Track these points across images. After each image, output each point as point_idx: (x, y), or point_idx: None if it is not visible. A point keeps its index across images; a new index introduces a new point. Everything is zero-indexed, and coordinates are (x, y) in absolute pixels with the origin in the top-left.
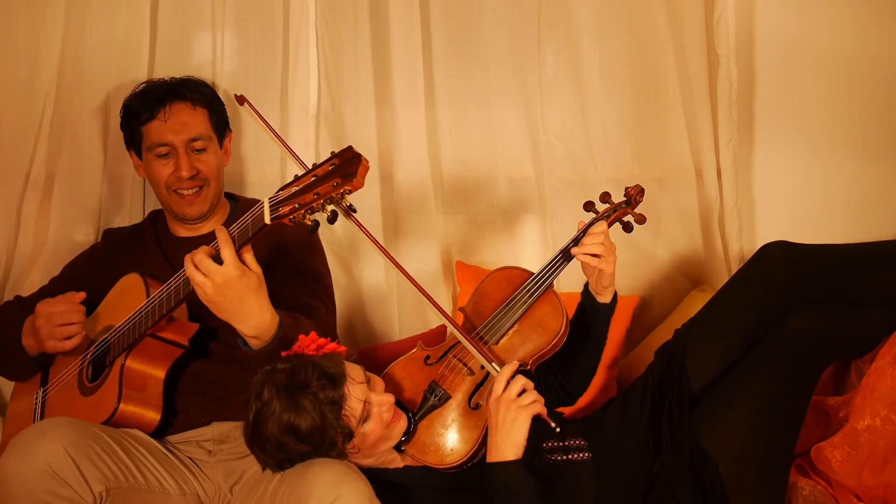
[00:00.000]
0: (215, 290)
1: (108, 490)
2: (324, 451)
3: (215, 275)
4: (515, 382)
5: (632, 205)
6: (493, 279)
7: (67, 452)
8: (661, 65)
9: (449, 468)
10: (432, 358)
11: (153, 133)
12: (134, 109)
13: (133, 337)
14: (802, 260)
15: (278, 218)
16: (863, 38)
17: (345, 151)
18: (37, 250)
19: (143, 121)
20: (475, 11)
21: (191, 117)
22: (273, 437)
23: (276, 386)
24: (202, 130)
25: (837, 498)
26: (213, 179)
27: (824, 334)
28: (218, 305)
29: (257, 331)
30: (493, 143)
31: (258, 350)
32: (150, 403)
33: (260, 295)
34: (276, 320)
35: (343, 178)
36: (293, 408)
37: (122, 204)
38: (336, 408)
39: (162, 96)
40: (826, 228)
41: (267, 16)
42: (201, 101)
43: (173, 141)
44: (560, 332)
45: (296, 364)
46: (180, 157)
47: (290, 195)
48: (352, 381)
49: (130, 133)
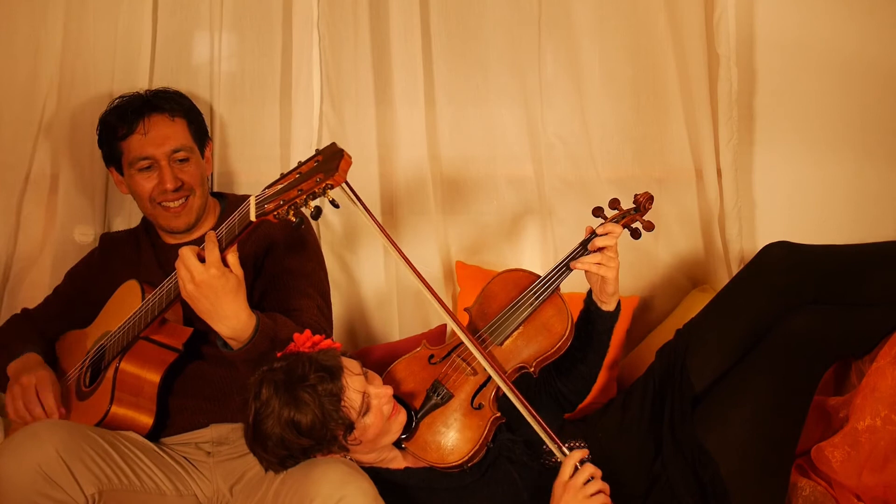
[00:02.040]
0: (194, 287)
1: (100, 492)
2: (325, 445)
3: (196, 273)
4: (583, 471)
5: (640, 212)
6: (499, 281)
7: (59, 454)
8: (661, 65)
9: (450, 467)
10: (436, 357)
11: (134, 147)
12: (111, 125)
13: (127, 340)
14: (803, 260)
15: (263, 215)
16: (863, 38)
17: (328, 148)
18: (37, 250)
19: (121, 136)
20: (475, 11)
21: (170, 129)
22: (274, 435)
23: (274, 383)
24: (183, 141)
25: (838, 498)
26: (199, 188)
27: (825, 335)
28: (196, 303)
29: (233, 332)
30: (493, 143)
31: (237, 351)
32: (143, 407)
33: (237, 297)
34: (252, 322)
35: (325, 174)
36: (293, 402)
37: (122, 204)
38: (335, 399)
39: (139, 109)
40: (826, 229)
41: (265, 16)
42: (179, 111)
43: (155, 154)
44: (565, 335)
45: (292, 361)
46: (163, 170)
47: (275, 192)
48: (349, 372)
49: (109, 150)
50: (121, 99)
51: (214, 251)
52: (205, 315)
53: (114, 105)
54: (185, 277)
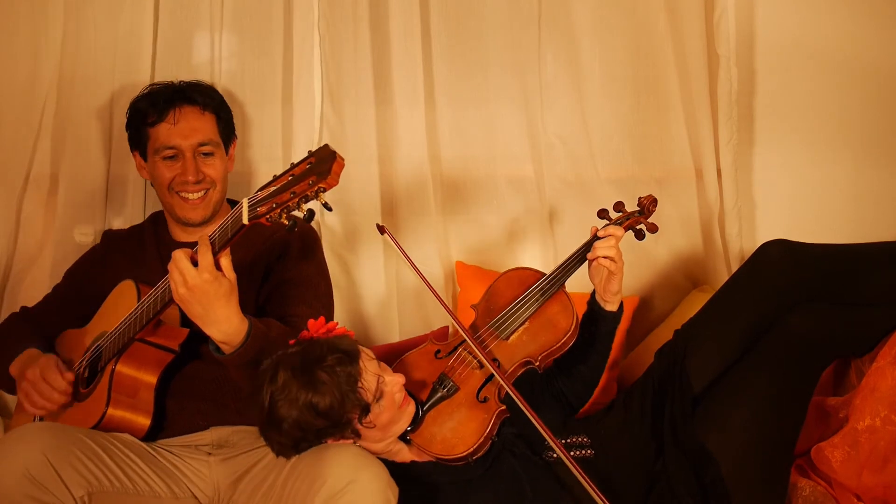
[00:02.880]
0: (187, 291)
1: (90, 494)
2: (340, 427)
3: (189, 277)
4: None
5: (644, 214)
6: (505, 278)
7: (45, 456)
8: (661, 65)
9: (455, 459)
10: (443, 352)
11: (161, 135)
12: (141, 111)
13: (123, 341)
14: (801, 259)
15: (256, 218)
16: (863, 39)
17: (321, 150)
18: (37, 250)
19: (150, 122)
20: (475, 12)
21: (199, 121)
22: (291, 417)
23: (290, 367)
24: (210, 135)
25: (837, 498)
26: (220, 183)
27: (824, 333)
28: (188, 306)
29: (225, 336)
30: (493, 143)
31: (229, 356)
32: (140, 408)
33: (229, 302)
34: (244, 326)
35: (318, 176)
36: (311, 384)
37: (123, 204)
38: (353, 380)
39: (171, 99)
40: (826, 228)
41: (266, 16)
42: (210, 105)
43: (181, 145)
44: (570, 330)
45: (307, 345)
46: (187, 162)
47: (267, 195)
48: (366, 356)
49: (136, 134)
50: (154, 86)
51: (207, 255)
52: (197, 319)
53: (147, 91)
54: (178, 281)
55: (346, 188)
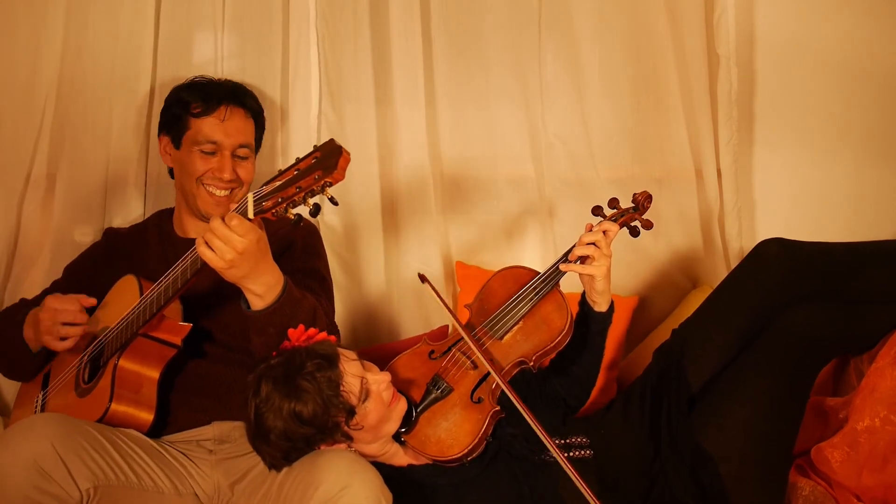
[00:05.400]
0: (237, 255)
1: (95, 487)
2: (328, 432)
3: (237, 242)
4: None
5: (640, 210)
6: (499, 277)
7: (54, 448)
8: (661, 65)
9: (450, 461)
10: (437, 352)
11: (205, 129)
12: (186, 100)
13: (126, 337)
14: (799, 257)
15: (262, 212)
16: (863, 39)
17: (326, 144)
18: (37, 250)
19: (196, 113)
20: (475, 12)
21: (244, 124)
22: (277, 428)
23: (272, 378)
24: (249, 139)
25: (837, 498)
26: (246, 186)
27: (821, 331)
28: (233, 270)
29: (267, 287)
30: (494, 143)
31: (262, 310)
32: (143, 404)
33: (269, 252)
34: (282, 276)
35: (324, 171)
36: (293, 393)
37: (123, 204)
38: (334, 385)
39: (223, 96)
40: (826, 228)
41: (266, 17)
42: (253, 112)
43: (224, 142)
44: (564, 329)
45: (288, 355)
46: (225, 159)
47: (273, 190)
48: (346, 358)
49: (175, 120)
50: (202, 78)
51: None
52: (242, 279)
53: (195, 81)
54: (224, 249)
55: (347, 188)
